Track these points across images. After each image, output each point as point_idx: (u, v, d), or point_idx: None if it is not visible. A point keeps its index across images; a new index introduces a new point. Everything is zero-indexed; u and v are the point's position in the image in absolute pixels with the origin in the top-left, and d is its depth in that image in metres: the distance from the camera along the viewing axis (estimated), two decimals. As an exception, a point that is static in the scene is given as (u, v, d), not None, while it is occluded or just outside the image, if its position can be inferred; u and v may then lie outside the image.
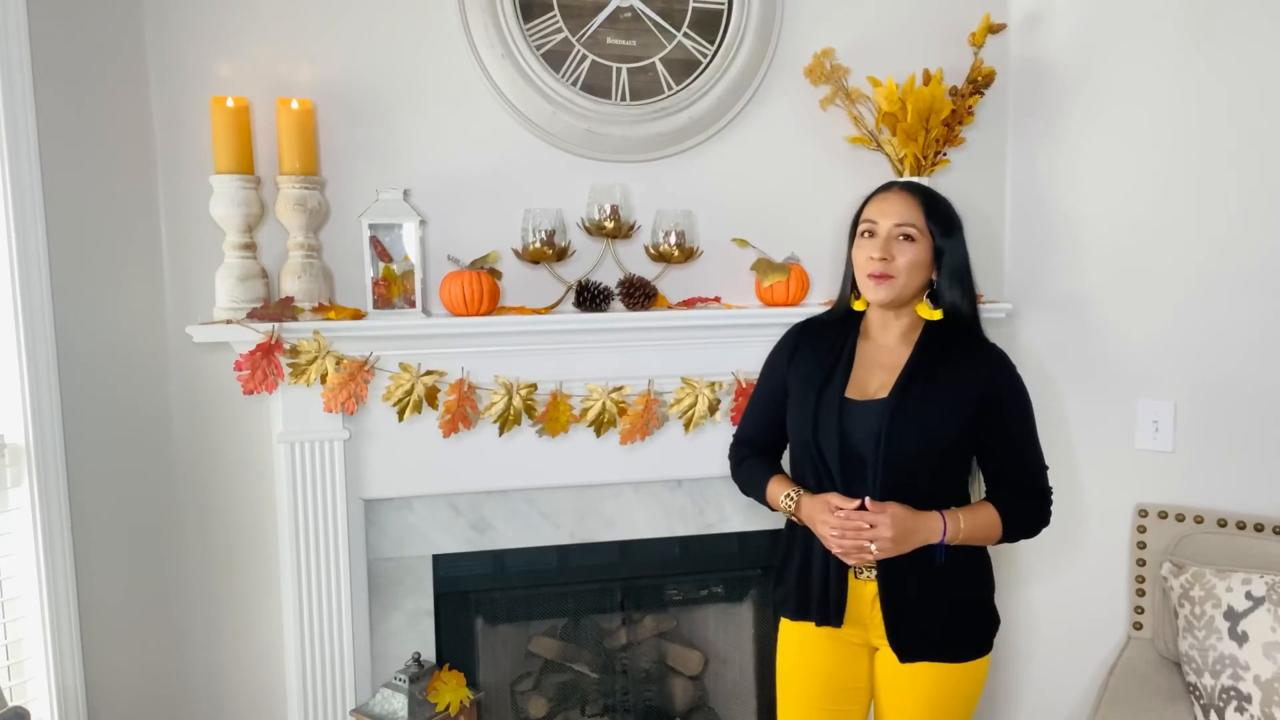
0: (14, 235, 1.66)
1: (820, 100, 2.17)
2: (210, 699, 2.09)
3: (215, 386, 2.00)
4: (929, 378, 1.57)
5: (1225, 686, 1.79)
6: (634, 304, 2.02)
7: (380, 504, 2.04)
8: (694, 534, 2.22)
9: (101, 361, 1.88)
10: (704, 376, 2.06)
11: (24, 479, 1.71)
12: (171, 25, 1.91)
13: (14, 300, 1.67)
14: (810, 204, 2.21)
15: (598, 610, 2.36)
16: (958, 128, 2.12)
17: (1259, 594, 1.80)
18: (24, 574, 1.73)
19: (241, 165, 1.83)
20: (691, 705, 2.45)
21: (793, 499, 1.62)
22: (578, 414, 2.02)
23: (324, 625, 1.97)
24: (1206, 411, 2.08)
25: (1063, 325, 2.26)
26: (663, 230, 2.07)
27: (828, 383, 1.62)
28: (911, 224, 1.56)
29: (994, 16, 2.16)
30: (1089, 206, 2.20)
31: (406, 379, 1.92)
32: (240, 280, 1.85)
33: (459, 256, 2.00)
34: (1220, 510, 2.05)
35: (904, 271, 1.56)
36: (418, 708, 1.91)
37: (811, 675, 1.68)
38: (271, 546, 2.04)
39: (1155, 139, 2.10)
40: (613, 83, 2.06)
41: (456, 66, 2.01)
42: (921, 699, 1.59)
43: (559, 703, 2.40)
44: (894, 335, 1.64)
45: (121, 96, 1.88)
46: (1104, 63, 2.15)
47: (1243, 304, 2.02)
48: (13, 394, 1.69)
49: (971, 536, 1.55)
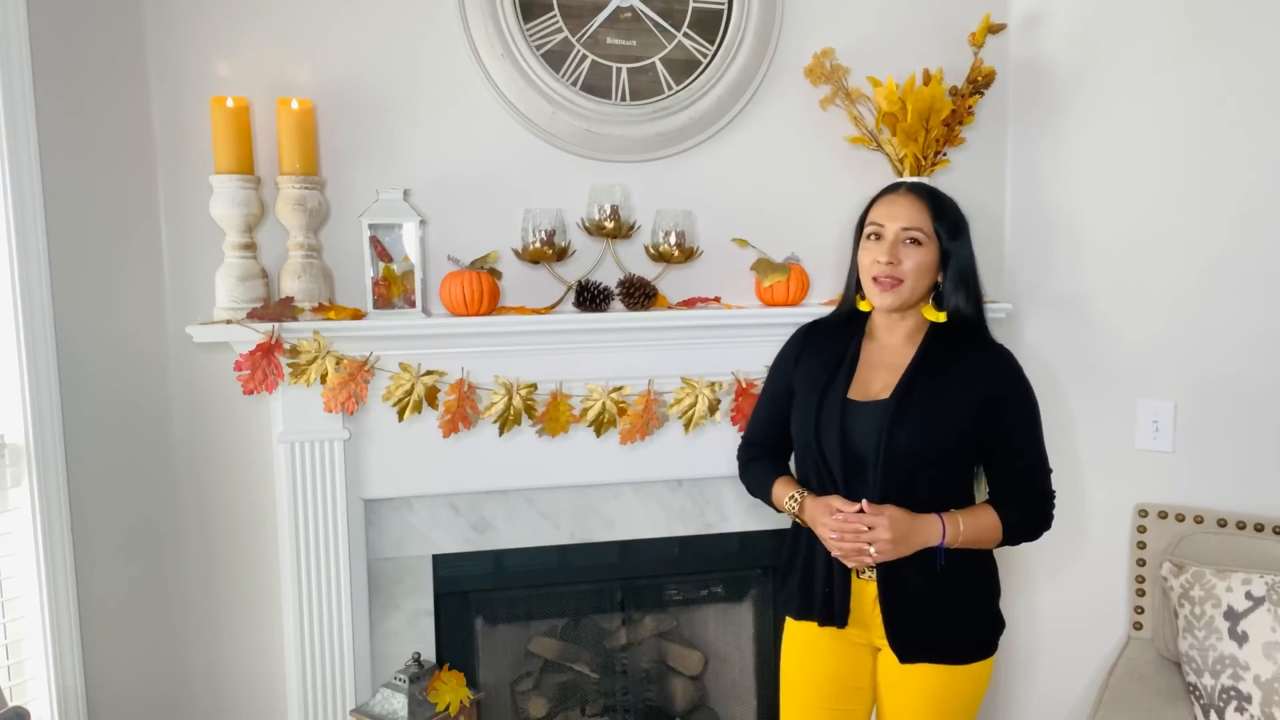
0: (14, 235, 1.66)
1: (820, 100, 2.17)
2: (210, 699, 2.09)
3: (215, 386, 2.00)
4: (932, 378, 1.56)
5: (1225, 686, 1.79)
6: (634, 304, 2.02)
7: (380, 504, 2.04)
8: (694, 534, 2.21)
9: (101, 361, 1.88)
10: (704, 376, 2.06)
11: (24, 479, 1.71)
12: (171, 25, 1.91)
13: (14, 300, 1.67)
14: (810, 204, 2.21)
15: (598, 610, 2.36)
16: (958, 128, 2.12)
17: (1259, 594, 1.80)
18: (24, 574, 1.73)
19: (241, 165, 1.83)
20: (691, 705, 2.45)
21: (796, 500, 1.62)
22: (578, 414, 2.02)
23: (324, 625, 1.97)
24: (1206, 411, 2.08)
25: (1063, 325, 2.26)
26: (663, 230, 2.07)
27: (831, 384, 1.62)
28: (918, 228, 1.56)
29: (994, 16, 2.16)
30: (1089, 206, 2.20)
31: (406, 379, 1.92)
32: (240, 280, 1.85)
33: (459, 256, 2.00)
34: (1220, 510, 2.05)
35: (911, 275, 1.56)
36: (418, 708, 1.91)
37: (814, 675, 1.68)
38: (271, 546, 2.04)
39: (1156, 139, 2.10)
40: (613, 83, 2.06)
41: (456, 66, 2.01)
42: (923, 700, 1.59)
43: (559, 703, 2.40)
44: (899, 336, 1.64)
45: (121, 97, 1.88)
46: (1104, 62, 2.15)
47: (1243, 304, 2.02)
48: (13, 394, 1.69)
49: (971, 539, 1.54)
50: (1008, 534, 1.57)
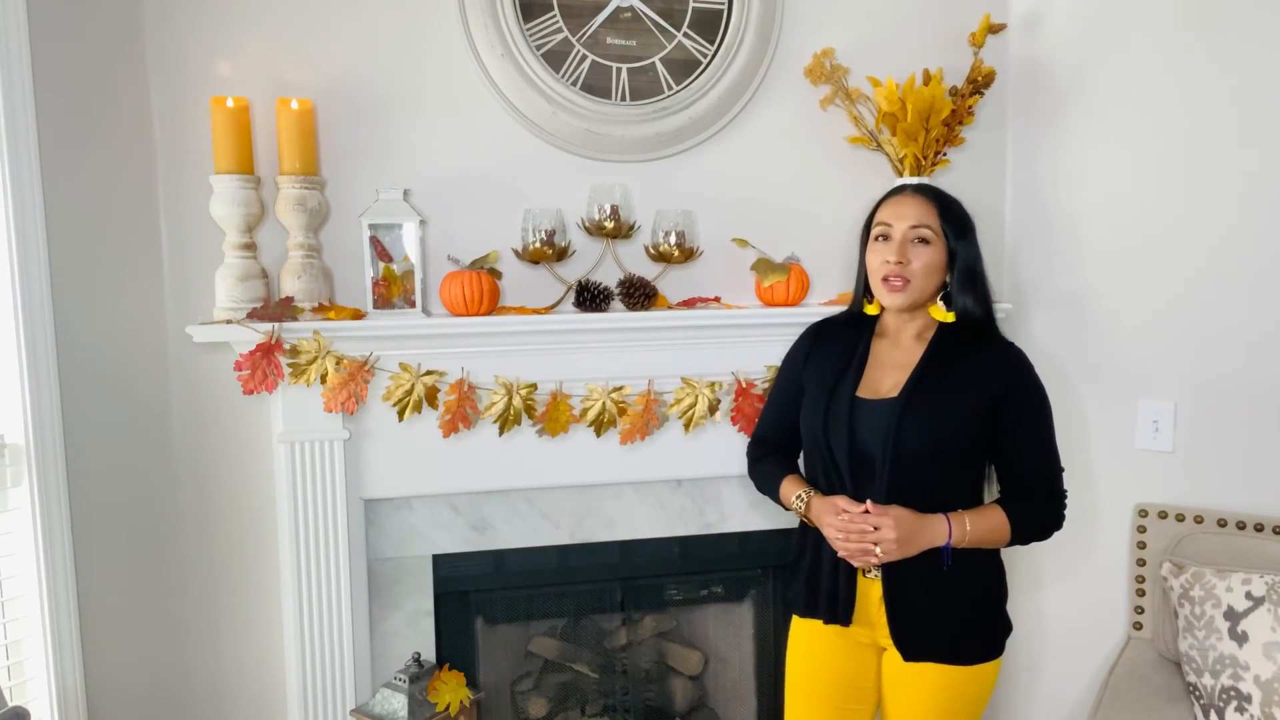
0: (14, 235, 1.66)
1: (820, 100, 2.17)
2: (210, 699, 2.09)
3: (215, 386, 2.00)
4: (941, 377, 1.56)
5: (1225, 686, 1.79)
6: (634, 304, 2.02)
7: (380, 504, 2.04)
8: (694, 534, 2.21)
9: (101, 361, 1.88)
10: (704, 376, 2.06)
11: (24, 479, 1.71)
12: (171, 25, 1.91)
13: (14, 300, 1.67)
14: (810, 204, 2.21)
15: (598, 610, 2.36)
16: (958, 128, 2.12)
17: (1259, 594, 1.80)
18: (24, 574, 1.73)
19: (241, 165, 1.83)
20: (691, 705, 2.45)
21: (803, 500, 1.62)
22: (578, 414, 2.02)
23: (324, 625, 1.97)
24: (1206, 411, 2.08)
25: (1063, 325, 2.26)
26: (663, 230, 2.07)
27: (840, 382, 1.62)
28: (926, 226, 1.56)
29: (994, 16, 2.16)
30: (1089, 206, 2.20)
31: (406, 379, 1.92)
32: (240, 280, 1.85)
33: (459, 256, 2.00)
34: (1220, 510, 2.05)
35: (919, 275, 1.56)
36: (418, 708, 1.91)
37: (820, 674, 1.68)
38: (271, 546, 2.04)
39: (1156, 138, 2.10)
40: (613, 83, 2.06)
41: (456, 66, 2.01)
42: (927, 700, 1.59)
43: (559, 703, 2.40)
44: (909, 335, 1.64)
45: (121, 96, 1.88)
46: (1104, 62, 2.15)
47: (1243, 304, 2.02)
48: (13, 394, 1.69)
49: (979, 539, 1.53)
50: (1016, 534, 1.56)
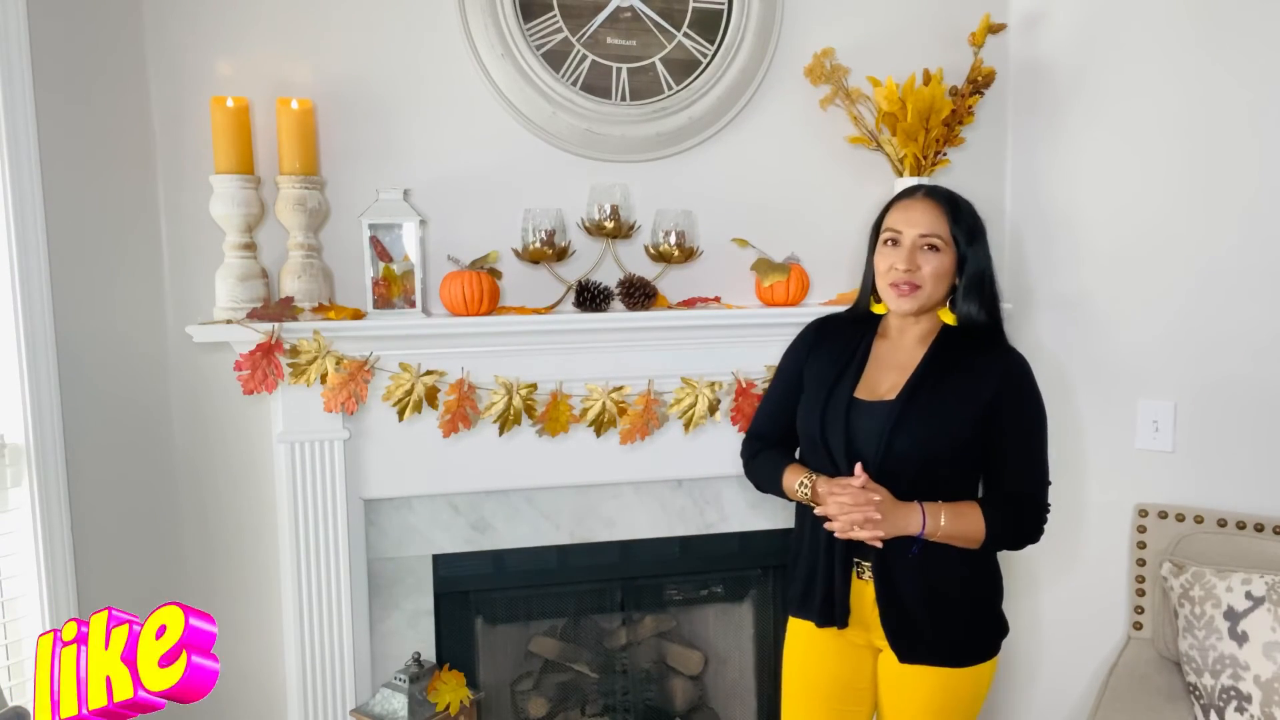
0: (14, 235, 1.66)
1: (820, 100, 2.17)
2: (210, 699, 2.07)
3: (215, 386, 2.00)
4: (939, 381, 1.55)
5: (1225, 686, 1.79)
6: (634, 304, 2.02)
7: (380, 504, 2.04)
8: (694, 534, 2.21)
9: (101, 361, 1.87)
10: (704, 376, 2.06)
11: (24, 479, 1.71)
12: (171, 25, 1.91)
13: (14, 300, 1.67)
14: (810, 204, 2.21)
15: (598, 610, 2.36)
16: (958, 128, 2.12)
17: (1259, 594, 1.80)
18: (24, 574, 1.73)
19: (241, 165, 1.83)
20: (691, 705, 2.45)
21: (807, 485, 1.59)
22: (578, 414, 2.02)
23: (324, 625, 1.97)
24: (1206, 411, 2.08)
25: (1063, 325, 2.26)
26: (663, 230, 2.07)
27: (839, 381, 1.61)
28: (936, 234, 1.54)
29: (994, 16, 2.16)
30: (1089, 207, 2.20)
31: (406, 379, 1.92)
32: (240, 280, 1.85)
33: (459, 256, 2.00)
34: (1220, 510, 2.05)
35: (929, 281, 1.55)
36: (418, 708, 1.91)
37: (816, 675, 1.68)
38: (271, 546, 2.04)
39: (1156, 138, 2.10)
40: (613, 83, 2.06)
41: (456, 66, 2.01)
42: (922, 702, 1.59)
43: (559, 703, 2.40)
44: (912, 337, 1.63)
45: (121, 96, 1.88)
46: (1104, 62, 2.15)
47: (1244, 304, 2.02)
48: (13, 394, 1.69)
49: (952, 535, 1.51)
50: (990, 540, 1.54)
